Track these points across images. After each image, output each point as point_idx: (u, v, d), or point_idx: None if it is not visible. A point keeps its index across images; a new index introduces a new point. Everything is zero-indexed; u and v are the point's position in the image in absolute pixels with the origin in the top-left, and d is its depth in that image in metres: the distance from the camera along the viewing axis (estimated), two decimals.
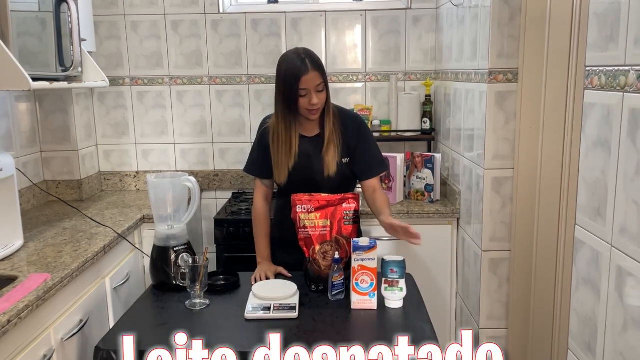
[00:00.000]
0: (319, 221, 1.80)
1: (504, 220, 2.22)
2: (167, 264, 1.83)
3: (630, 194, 1.17)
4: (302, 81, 1.82)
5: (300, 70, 1.82)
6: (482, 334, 2.33)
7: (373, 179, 2.02)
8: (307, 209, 1.81)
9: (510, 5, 2.07)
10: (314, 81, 1.83)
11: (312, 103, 1.84)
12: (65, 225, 2.33)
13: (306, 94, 1.84)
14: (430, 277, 2.67)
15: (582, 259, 1.39)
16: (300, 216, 1.80)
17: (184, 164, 3.18)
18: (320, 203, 1.81)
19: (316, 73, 1.83)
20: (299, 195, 1.82)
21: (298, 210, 1.81)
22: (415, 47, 3.05)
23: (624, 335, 1.21)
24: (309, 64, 1.83)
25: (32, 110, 2.74)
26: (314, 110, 1.87)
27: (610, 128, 1.24)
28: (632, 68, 1.16)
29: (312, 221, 1.80)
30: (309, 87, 1.83)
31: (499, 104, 2.14)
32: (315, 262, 1.78)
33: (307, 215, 1.80)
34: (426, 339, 1.48)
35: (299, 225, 1.81)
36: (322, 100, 1.87)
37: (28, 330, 1.56)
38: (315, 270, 1.79)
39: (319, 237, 1.80)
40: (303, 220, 1.80)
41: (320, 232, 1.80)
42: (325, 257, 1.77)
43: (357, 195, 1.86)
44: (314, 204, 1.80)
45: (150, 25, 3.04)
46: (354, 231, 1.83)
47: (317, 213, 1.80)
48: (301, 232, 1.81)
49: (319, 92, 1.85)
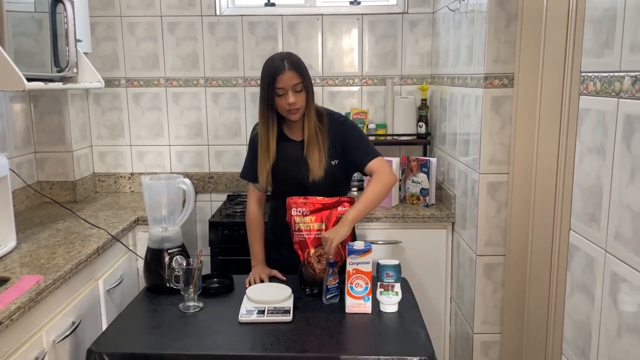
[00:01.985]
0: (314, 224, 1.80)
1: (498, 225, 2.22)
2: (161, 267, 1.82)
3: (624, 200, 1.17)
4: (278, 80, 1.84)
5: (278, 69, 1.85)
6: (476, 339, 2.33)
7: (371, 164, 1.94)
8: (302, 212, 1.80)
9: (507, 10, 2.08)
10: (291, 80, 1.84)
11: (289, 102, 1.85)
12: (58, 226, 2.32)
13: (283, 93, 1.86)
14: (425, 281, 2.67)
15: (577, 264, 1.40)
16: (295, 219, 1.80)
17: (179, 166, 3.17)
18: (315, 206, 1.81)
19: (293, 73, 1.85)
20: (294, 198, 1.82)
21: (293, 213, 1.80)
22: (412, 52, 3.06)
23: (618, 341, 1.21)
24: (286, 64, 1.85)
25: (27, 111, 2.73)
26: (293, 110, 1.88)
27: (605, 134, 1.24)
28: (627, 74, 1.16)
29: (307, 224, 1.79)
30: (285, 86, 1.85)
31: (495, 108, 2.14)
32: (310, 265, 1.78)
33: (302, 218, 1.80)
34: (420, 343, 1.48)
35: (293, 229, 1.80)
36: (300, 101, 1.88)
37: (20, 332, 1.54)
38: (310, 274, 1.78)
39: (314, 241, 1.80)
40: (298, 224, 1.80)
41: (315, 236, 1.79)
42: (320, 261, 1.77)
43: (352, 199, 1.86)
44: (309, 207, 1.80)
45: (146, 27, 3.03)
46: (349, 234, 1.83)
47: (312, 216, 1.80)
48: (296, 235, 1.81)
49: (297, 93, 1.86)
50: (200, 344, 1.48)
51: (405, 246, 2.64)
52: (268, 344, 1.46)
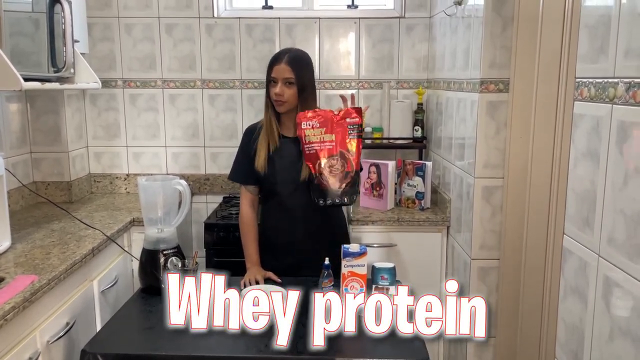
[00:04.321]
0: (324, 136, 1.84)
1: (493, 228, 2.23)
2: (156, 268, 1.82)
3: (618, 205, 1.18)
4: (273, 69, 1.93)
5: (276, 59, 1.95)
6: (471, 343, 2.33)
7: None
8: (312, 125, 1.84)
9: (503, 16, 2.09)
10: (283, 73, 1.91)
11: (275, 92, 1.91)
12: (53, 226, 2.32)
13: (275, 82, 1.92)
14: (420, 284, 2.66)
15: (570, 268, 1.41)
16: (305, 132, 1.84)
17: (175, 168, 3.17)
18: (325, 117, 1.84)
19: (287, 67, 1.91)
20: (303, 112, 1.86)
21: (303, 126, 1.84)
22: (408, 56, 3.07)
23: (610, 344, 1.22)
24: (284, 57, 1.93)
25: (23, 111, 2.72)
26: (278, 102, 1.93)
27: (599, 139, 1.25)
28: (621, 80, 1.17)
29: (317, 136, 1.83)
30: (278, 76, 1.91)
31: (490, 113, 2.16)
32: (322, 176, 1.82)
33: (313, 130, 1.84)
34: (415, 346, 1.49)
35: (304, 142, 1.84)
36: (288, 95, 1.92)
37: (13, 332, 1.54)
38: (322, 185, 1.82)
39: (325, 152, 1.83)
40: (309, 136, 1.84)
41: (327, 147, 1.83)
42: (331, 171, 1.83)
43: (360, 109, 1.88)
44: (319, 119, 1.84)
45: (144, 28, 3.04)
46: (359, 145, 1.86)
47: (322, 128, 1.83)
48: (307, 148, 1.85)
49: (287, 86, 1.91)
50: (194, 345, 1.48)
51: (401, 249, 2.64)
52: (262, 346, 1.47)
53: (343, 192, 1.85)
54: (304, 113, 1.86)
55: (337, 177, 1.82)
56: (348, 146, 1.84)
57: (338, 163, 1.82)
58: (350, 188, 1.85)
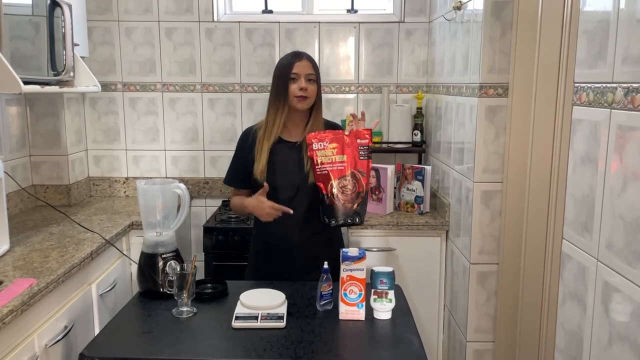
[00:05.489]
0: (335, 157, 1.85)
1: (492, 233, 2.23)
2: (155, 271, 1.81)
3: (616, 210, 1.18)
4: (295, 66, 1.94)
5: (296, 56, 1.97)
6: (470, 347, 2.33)
7: None
8: (324, 146, 1.85)
9: (502, 21, 2.10)
10: (305, 69, 1.94)
11: (301, 87, 1.92)
12: (52, 230, 2.31)
13: (297, 78, 1.93)
14: (419, 289, 2.67)
15: (569, 273, 1.40)
16: (317, 153, 1.85)
17: (175, 171, 3.17)
18: (336, 138, 1.86)
19: (309, 63, 1.95)
20: (313, 134, 1.87)
21: (314, 147, 1.85)
22: (408, 60, 3.08)
23: (609, 349, 1.22)
24: (303, 55, 1.97)
25: (23, 114, 2.72)
26: (302, 97, 1.93)
27: (598, 144, 1.26)
28: (619, 85, 1.17)
29: (328, 157, 1.85)
30: (300, 72, 1.93)
31: (489, 118, 2.16)
32: (334, 197, 1.83)
33: (324, 152, 1.85)
34: (414, 351, 1.49)
35: (315, 163, 1.85)
36: (312, 91, 1.94)
37: (12, 336, 1.54)
38: (334, 205, 1.84)
39: (337, 173, 1.84)
40: (320, 157, 1.85)
41: (338, 168, 1.84)
42: (343, 192, 1.83)
43: (370, 130, 1.90)
44: (330, 140, 1.85)
45: (144, 32, 3.04)
46: (368, 166, 1.88)
47: (334, 149, 1.85)
48: (318, 170, 1.85)
49: (310, 82, 1.94)
50: (193, 349, 1.48)
51: (400, 253, 2.64)
52: (261, 350, 1.46)
53: (355, 212, 1.87)
54: (315, 134, 1.87)
55: (349, 197, 1.84)
56: (359, 166, 1.86)
57: (350, 183, 1.84)
58: (361, 208, 1.87)
